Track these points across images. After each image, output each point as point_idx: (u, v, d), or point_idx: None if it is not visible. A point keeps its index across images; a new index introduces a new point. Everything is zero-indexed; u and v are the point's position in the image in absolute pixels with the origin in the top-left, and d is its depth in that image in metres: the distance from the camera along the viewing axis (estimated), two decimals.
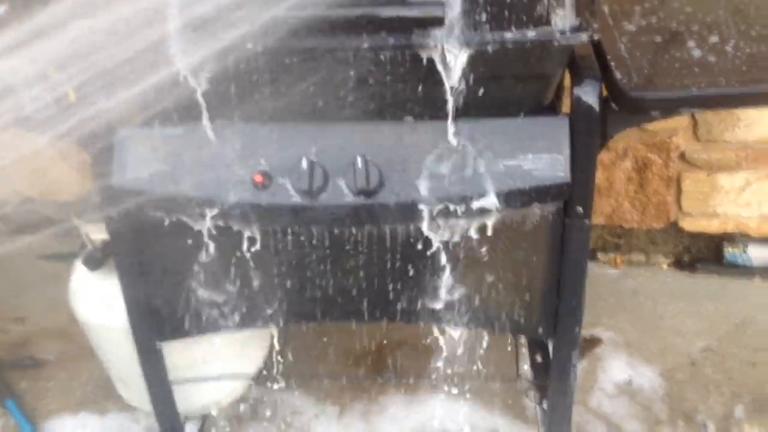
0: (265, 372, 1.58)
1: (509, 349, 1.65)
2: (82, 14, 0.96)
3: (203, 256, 1.16)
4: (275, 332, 1.61)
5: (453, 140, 1.04)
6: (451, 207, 1.05)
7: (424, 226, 1.09)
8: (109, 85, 1.00)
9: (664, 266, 1.99)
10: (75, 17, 0.96)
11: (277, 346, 1.57)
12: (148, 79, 0.99)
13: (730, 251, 1.93)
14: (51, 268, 1.97)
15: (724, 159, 1.79)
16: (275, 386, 1.66)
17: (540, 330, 1.24)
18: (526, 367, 1.57)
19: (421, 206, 1.05)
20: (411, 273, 1.17)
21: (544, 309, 1.21)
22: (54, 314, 1.88)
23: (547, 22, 0.94)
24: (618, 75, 1.00)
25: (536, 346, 1.59)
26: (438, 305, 1.21)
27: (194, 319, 1.25)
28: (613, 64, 1.03)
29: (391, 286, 1.19)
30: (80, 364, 1.75)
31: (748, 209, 1.86)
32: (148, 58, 0.96)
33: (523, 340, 1.62)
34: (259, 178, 1.04)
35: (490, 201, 1.05)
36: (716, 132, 1.76)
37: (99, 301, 1.34)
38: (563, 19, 0.94)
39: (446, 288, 1.19)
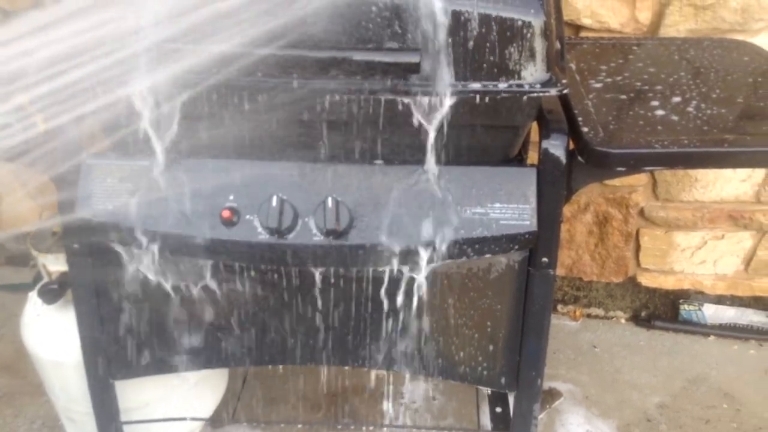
0: (219, 414, 1.54)
1: (469, 399, 1.64)
2: (52, 42, 0.95)
3: (164, 293, 1.14)
4: (230, 374, 1.57)
5: (422, 186, 1.05)
6: (418, 252, 1.05)
7: (390, 270, 1.09)
8: (77, 116, 0.99)
9: (622, 320, 2.02)
10: (47, 45, 0.95)
11: (232, 388, 1.53)
12: (116, 112, 0.98)
13: (685, 309, 1.97)
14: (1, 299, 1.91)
15: (681, 218, 1.83)
16: (229, 429, 1.61)
17: (502, 381, 1.23)
18: (486, 418, 1.56)
19: (389, 250, 1.05)
20: (375, 318, 1.16)
21: (507, 360, 1.21)
22: (1, 347, 1.82)
23: (519, 76, 0.96)
24: (585, 129, 1.03)
25: (497, 396, 1.59)
26: (400, 352, 1.20)
27: (151, 358, 1.22)
28: (580, 119, 1.06)
29: (353, 330, 1.18)
30: (27, 400, 1.68)
31: (703, 267, 1.91)
32: (118, 91, 0.96)
33: (483, 390, 1.61)
34: (226, 214, 1.03)
35: (457, 248, 1.05)
36: (674, 191, 1.80)
37: (52, 336, 1.30)
38: (534, 73, 0.97)
39: (409, 335, 1.18)
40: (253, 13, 0.90)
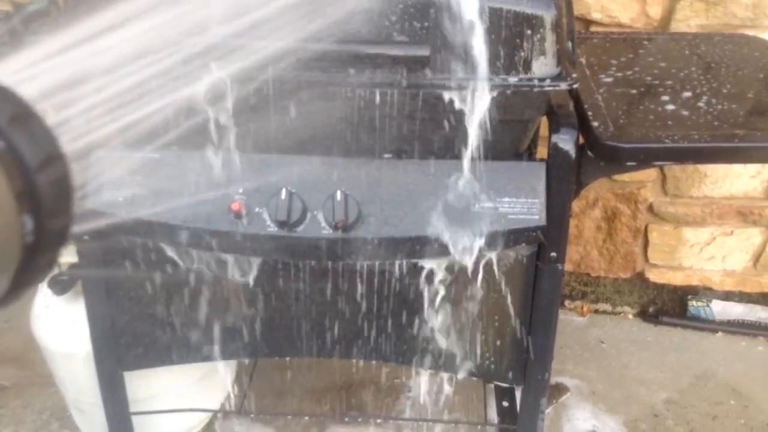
0: (227, 406, 1.55)
1: (476, 393, 1.64)
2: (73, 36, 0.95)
3: (173, 285, 1.15)
4: (238, 366, 1.58)
5: (431, 180, 1.05)
6: (426, 246, 1.06)
7: (398, 265, 1.09)
8: (91, 107, 0.99)
9: (630, 316, 2.02)
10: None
11: (239, 380, 1.54)
12: (133, 104, 0.98)
13: (693, 305, 1.97)
14: None
15: (690, 214, 1.83)
16: (237, 421, 1.62)
17: (510, 375, 1.24)
18: (492, 412, 1.56)
19: (396, 244, 1.05)
20: (383, 311, 1.17)
21: (515, 354, 1.21)
22: (11, 338, 1.83)
23: (530, 70, 0.96)
24: (595, 124, 1.03)
25: (503, 391, 1.59)
26: (408, 346, 1.21)
27: (160, 349, 1.23)
28: (590, 113, 1.05)
29: (362, 324, 1.19)
30: (36, 391, 1.69)
31: (712, 263, 1.90)
32: (136, 84, 0.96)
33: (490, 384, 1.61)
34: (236, 207, 1.03)
35: (466, 243, 1.05)
36: (683, 187, 1.80)
37: (62, 327, 1.31)
38: (545, 67, 0.96)
39: (417, 329, 1.18)
40: (252, 10, 0.90)
